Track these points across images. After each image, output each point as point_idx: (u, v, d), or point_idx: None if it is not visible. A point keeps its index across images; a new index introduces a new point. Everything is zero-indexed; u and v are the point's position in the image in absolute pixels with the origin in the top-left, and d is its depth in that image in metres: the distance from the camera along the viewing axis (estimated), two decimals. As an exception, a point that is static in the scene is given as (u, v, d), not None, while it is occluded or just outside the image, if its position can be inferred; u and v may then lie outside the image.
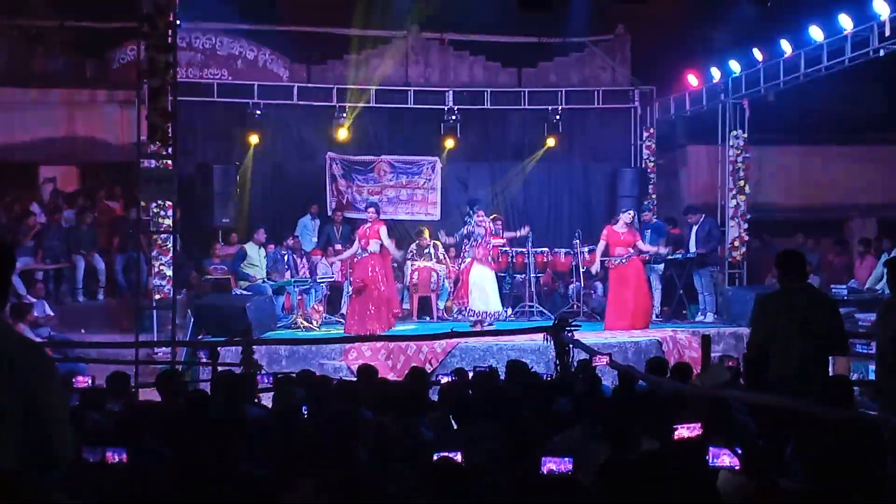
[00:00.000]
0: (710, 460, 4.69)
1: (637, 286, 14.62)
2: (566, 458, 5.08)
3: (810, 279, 7.20)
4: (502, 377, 8.74)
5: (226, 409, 7.20)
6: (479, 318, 14.05)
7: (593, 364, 8.65)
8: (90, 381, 8.40)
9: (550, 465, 5.05)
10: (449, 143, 17.93)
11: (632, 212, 15.31)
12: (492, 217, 15.58)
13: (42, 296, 14.44)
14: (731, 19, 16.65)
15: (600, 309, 15.57)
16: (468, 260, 14.28)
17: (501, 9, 15.60)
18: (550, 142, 18.19)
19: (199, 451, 5.58)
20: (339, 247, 16.50)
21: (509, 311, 15.67)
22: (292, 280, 15.65)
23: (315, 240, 17.11)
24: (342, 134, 17.52)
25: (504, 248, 16.41)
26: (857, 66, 13.67)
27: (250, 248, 15.48)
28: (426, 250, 16.71)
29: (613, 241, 14.74)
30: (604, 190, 18.56)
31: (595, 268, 15.28)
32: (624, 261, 14.56)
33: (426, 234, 16.89)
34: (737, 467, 4.60)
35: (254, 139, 17.26)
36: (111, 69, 17.46)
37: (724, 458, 4.67)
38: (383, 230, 14.18)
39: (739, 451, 4.57)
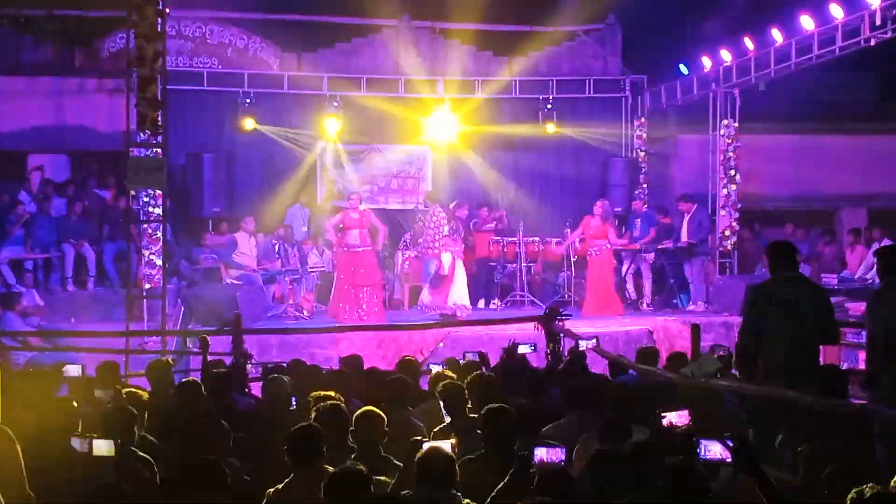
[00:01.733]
0: (702, 452, 4.68)
1: (601, 277, 15.20)
2: (558, 449, 5.07)
3: (801, 269, 7.17)
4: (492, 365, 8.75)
5: (216, 399, 7.19)
6: (452, 311, 14.13)
7: (579, 349, 8.69)
8: (80, 371, 8.37)
9: (542, 455, 5.05)
10: (439, 132, 17.88)
11: (599, 203, 15.46)
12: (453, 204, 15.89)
13: (31, 285, 14.42)
14: (721, 8, 16.66)
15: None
16: (449, 257, 14.49)
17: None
18: (549, 127, 18.16)
19: (188, 441, 5.58)
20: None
21: (495, 302, 15.93)
22: (283, 269, 15.62)
23: (305, 229, 17.07)
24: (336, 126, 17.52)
25: (496, 238, 16.43)
26: (848, 55, 13.68)
27: (240, 237, 15.44)
28: (420, 240, 16.68)
29: (587, 232, 15.34)
30: (595, 179, 18.54)
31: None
32: (594, 253, 15.21)
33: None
34: (727, 459, 4.60)
35: (248, 123, 17.19)
36: (100, 58, 17.38)
37: (715, 450, 4.67)
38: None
39: (730, 444, 4.56)
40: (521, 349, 8.93)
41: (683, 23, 18.30)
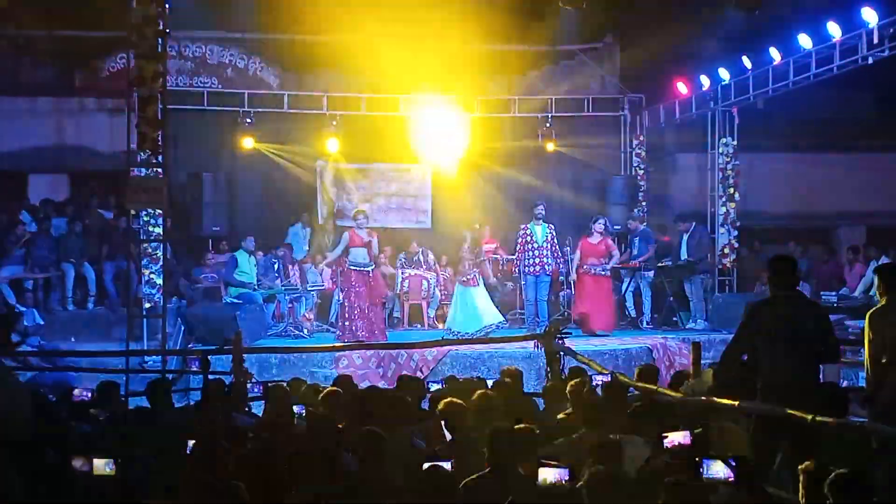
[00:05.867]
0: (704, 471, 4.68)
1: (601, 296, 14.95)
2: (563, 468, 5.06)
3: (800, 286, 7.15)
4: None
5: (216, 417, 7.18)
6: (457, 336, 14.28)
7: (593, 384, 8.58)
8: (90, 394, 8.36)
9: (545, 474, 5.04)
10: (439, 151, 17.93)
11: (601, 221, 15.33)
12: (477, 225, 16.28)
13: (31, 305, 14.39)
14: (720, 27, 16.72)
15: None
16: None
17: (491, 17, 15.63)
18: (549, 146, 18.24)
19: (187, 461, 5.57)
20: (327, 254, 16.46)
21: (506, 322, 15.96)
22: (283, 288, 15.62)
23: (306, 248, 17.08)
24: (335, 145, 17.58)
25: (495, 256, 16.44)
26: (846, 73, 13.72)
27: (240, 256, 15.44)
28: (416, 258, 16.70)
29: (587, 251, 15.04)
30: (594, 197, 18.56)
31: (571, 277, 15.59)
32: (598, 271, 14.89)
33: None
34: (730, 478, 4.60)
35: (247, 142, 17.24)
36: (100, 78, 17.44)
37: (718, 469, 4.67)
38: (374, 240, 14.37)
39: (733, 463, 4.56)
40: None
41: (681, 42, 18.33)
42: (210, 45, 17.78)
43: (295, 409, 7.27)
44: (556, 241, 14.88)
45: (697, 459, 4.95)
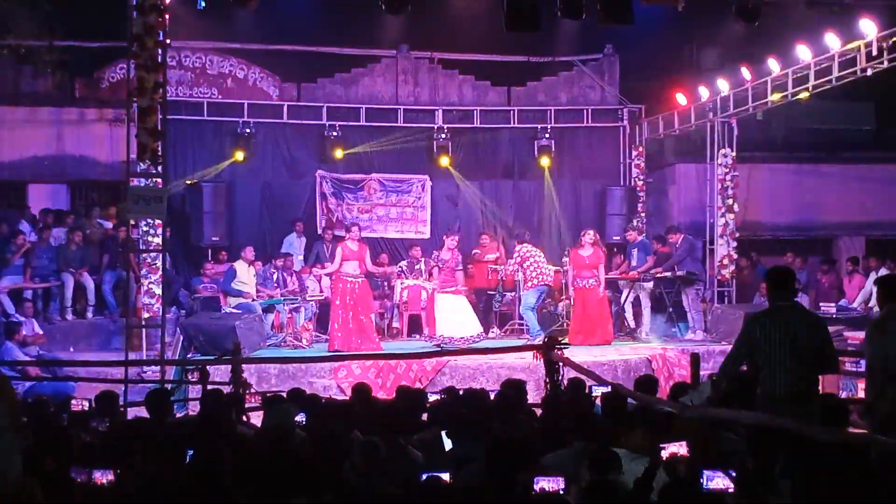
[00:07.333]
0: (704, 483, 4.68)
1: (589, 306, 15.04)
2: (558, 478, 5.08)
3: (799, 298, 7.16)
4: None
5: (215, 428, 7.17)
6: (447, 342, 14.23)
7: (591, 395, 8.58)
8: (89, 404, 8.35)
9: (542, 483, 5.06)
10: (439, 162, 17.96)
11: (590, 232, 15.40)
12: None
13: (31, 314, 14.38)
14: (719, 38, 16.77)
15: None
16: (430, 289, 15.04)
17: (490, 28, 15.64)
18: (545, 161, 18.25)
19: (186, 471, 5.56)
20: (328, 265, 16.47)
21: (494, 331, 15.95)
22: (282, 298, 15.62)
23: (301, 257, 17.06)
24: (338, 154, 17.64)
25: (494, 266, 16.44)
26: (846, 84, 13.74)
27: (239, 266, 15.45)
28: (417, 266, 16.68)
29: (578, 264, 15.20)
30: (593, 208, 18.59)
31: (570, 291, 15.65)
32: (588, 284, 15.03)
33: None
34: (730, 489, 4.60)
35: (239, 155, 17.23)
36: (100, 88, 17.46)
37: (718, 480, 4.67)
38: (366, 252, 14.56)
39: (733, 474, 4.56)
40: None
41: (681, 53, 18.40)
42: (210, 55, 17.81)
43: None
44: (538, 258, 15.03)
45: (697, 470, 4.95)
